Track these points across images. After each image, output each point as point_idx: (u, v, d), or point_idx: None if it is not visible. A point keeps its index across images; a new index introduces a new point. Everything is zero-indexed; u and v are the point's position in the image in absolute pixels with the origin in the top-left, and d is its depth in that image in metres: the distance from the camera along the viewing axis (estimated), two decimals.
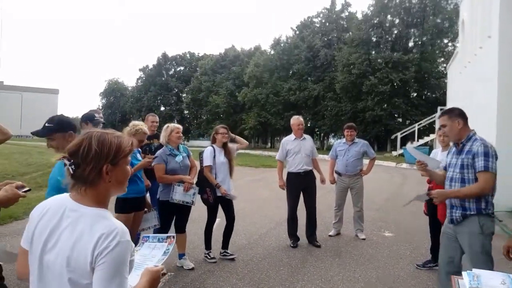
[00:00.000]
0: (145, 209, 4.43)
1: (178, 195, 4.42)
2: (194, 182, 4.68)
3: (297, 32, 44.10)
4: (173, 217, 4.61)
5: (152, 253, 1.95)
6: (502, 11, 7.96)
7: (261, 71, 42.65)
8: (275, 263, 4.84)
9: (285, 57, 41.98)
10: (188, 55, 63.97)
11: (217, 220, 6.43)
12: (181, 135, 4.71)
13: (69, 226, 1.31)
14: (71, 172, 1.34)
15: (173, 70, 64.03)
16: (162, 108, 61.54)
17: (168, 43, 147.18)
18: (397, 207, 9.04)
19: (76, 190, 1.36)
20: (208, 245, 4.93)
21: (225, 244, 5.07)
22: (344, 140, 6.32)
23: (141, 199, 4.26)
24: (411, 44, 34.95)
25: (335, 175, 6.33)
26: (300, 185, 5.72)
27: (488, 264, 2.93)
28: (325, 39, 40.22)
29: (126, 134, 4.23)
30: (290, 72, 42.51)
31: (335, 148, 6.32)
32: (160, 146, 4.86)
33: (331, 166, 6.39)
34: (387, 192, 11.13)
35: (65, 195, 1.39)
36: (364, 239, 6.05)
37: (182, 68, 63.60)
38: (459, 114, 3.10)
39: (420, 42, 34.08)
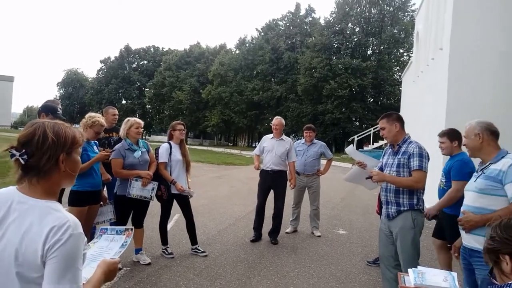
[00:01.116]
0: (101, 203, 4.35)
1: (136, 190, 4.37)
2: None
3: (262, 34, 44.57)
4: (131, 212, 4.55)
5: (110, 246, 1.93)
6: (453, 25, 8.47)
7: (225, 70, 42.67)
8: (233, 258, 4.90)
9: (250, 57, 42.29)
10: (152, 49, 62.74)
11: (176, 216, 6.44)
12: (141, 130, 4.62)
13: (17, 219, 1.26)
14: (22, 162, 1.29)
15: (136, 63, 62.64)
16: (124, 102, 60.01)
17: (132, 35, 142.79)
18: (352, 206, 9.41)
19: (26, 182, 1.31)
20: (164, 240, 4.91)
21: (193, 240, 5.06)
22: (303, 140, 6.51)
23: (96, 192, 4.18)
24: (369, 52, 36.44)
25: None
26: (268, 183, 5.87)
27: (415, 256, 3.19)
28: (289, 42, 40.93)
29: (82, 126, 4.15)
30: (254, 72, 42.89)
31: (295, 148, 6.49)
32: (120, 139, 4.78)
33: (292, 168, 6.54)
34: (342, 192, 11.53)
35: (12, 188, 1.34)
36: (319, 236, 6.26)
37: (145, 62, 62.37)
38: (396, 118, 3.37)
39: (378, 51, 35.58)
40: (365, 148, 25.63)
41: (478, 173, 2.57)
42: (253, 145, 50.32)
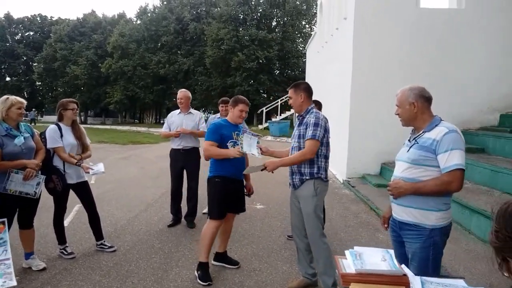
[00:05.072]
0: None
1: (15, 184, 3.56)
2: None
3: (165, 2, 42.14)
4: (15, 211, 3.75)
5: None
6: None
7: (126, 41, 39.60)
8: (146, 250, 4.41)
9: (153, 28, 39.79)
10: (38, 18, 55.76)
11: (76, 206, 5.66)
12: (24, 112, 3.78)
13: None
14: None
15: (20, 34, 55.29)
16: (8, 79, 53.04)
17: (12, 2, 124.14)
18: (268, 179, 9.39)
19: None
20: (61, 239, 4.20)
21: (98, 235, 4.43)
22: (218, 115, 6.12)
23: None
24: (274, 23, 36.80)
25: None
26: (181, 163, 5.40)
27: (318, 222, 3.27)
28: (194, 12, 39.39)
29: None
30: (159, 44, 40.55)
31: (210, 123, 6.06)
32: None
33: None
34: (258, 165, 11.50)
35: None
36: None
37: (31, 33, 55.34)
38: (303, 89, 3.35)
39: (282, 22, 36.09)
40: (273, 119, 26.22)
41: (411, 142, 2.43)
42: (161, 121, 48.39)
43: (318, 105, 4.71)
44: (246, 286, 3.56)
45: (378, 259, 1.97)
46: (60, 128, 4.10)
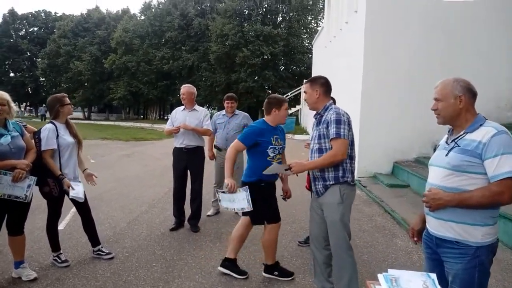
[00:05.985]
0: None
1: (3, 187, 3.22)
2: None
3: None
4: (4, 215, 3.43)
5: None
6: None
7: (130, 37, 39.37)
8: (146, 257, 4.08)
9: (157, 24, 39.53)
10: (42, 14, 55.79)
11: (73, 209, 5.34)
12: (6, 108, 3.38)
13: None
14: None
15: (24, 30, 55.37)
16: (12, 75, 53.11)
17: None
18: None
19: None
20: (55, 246, 3.87)
21: (94, 240, 4.10)
22: (223, 112, 5.76)
23: None
24: (279, 18, 36.41)
25: (215, 150, 5.77)
26: (184, 162, 5.06)
27: (345, 232, 2.95)
28: (198, 7, 39.10)
29: None
30: (163, 40, 40.31)
31: (214, 121, 5.71)
32: None
33: (210, 140, 5.80)
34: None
35: None
36: None
37: (35, 28, 55.40)
38: (321, 84, 3.07)
39: (287, 18, 35.67)
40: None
41: (449, 144, 2.07)
42: (165, 117, 48.14)
43: (333, 101, 4.36)
44: None
45: (419, 286, 1.64)
46: (56, 128, 3.76)
